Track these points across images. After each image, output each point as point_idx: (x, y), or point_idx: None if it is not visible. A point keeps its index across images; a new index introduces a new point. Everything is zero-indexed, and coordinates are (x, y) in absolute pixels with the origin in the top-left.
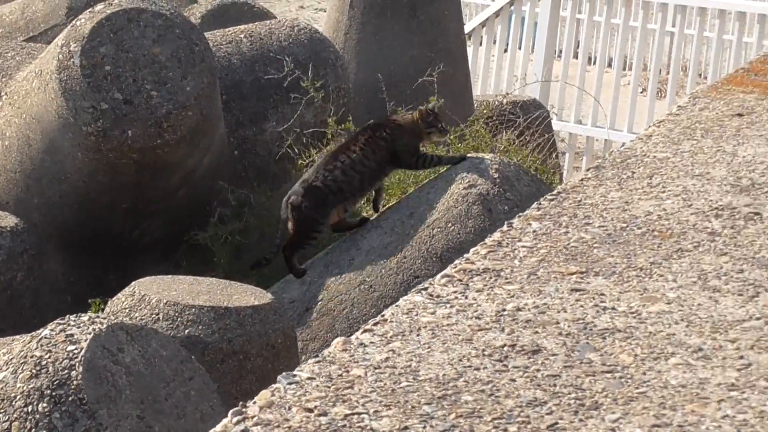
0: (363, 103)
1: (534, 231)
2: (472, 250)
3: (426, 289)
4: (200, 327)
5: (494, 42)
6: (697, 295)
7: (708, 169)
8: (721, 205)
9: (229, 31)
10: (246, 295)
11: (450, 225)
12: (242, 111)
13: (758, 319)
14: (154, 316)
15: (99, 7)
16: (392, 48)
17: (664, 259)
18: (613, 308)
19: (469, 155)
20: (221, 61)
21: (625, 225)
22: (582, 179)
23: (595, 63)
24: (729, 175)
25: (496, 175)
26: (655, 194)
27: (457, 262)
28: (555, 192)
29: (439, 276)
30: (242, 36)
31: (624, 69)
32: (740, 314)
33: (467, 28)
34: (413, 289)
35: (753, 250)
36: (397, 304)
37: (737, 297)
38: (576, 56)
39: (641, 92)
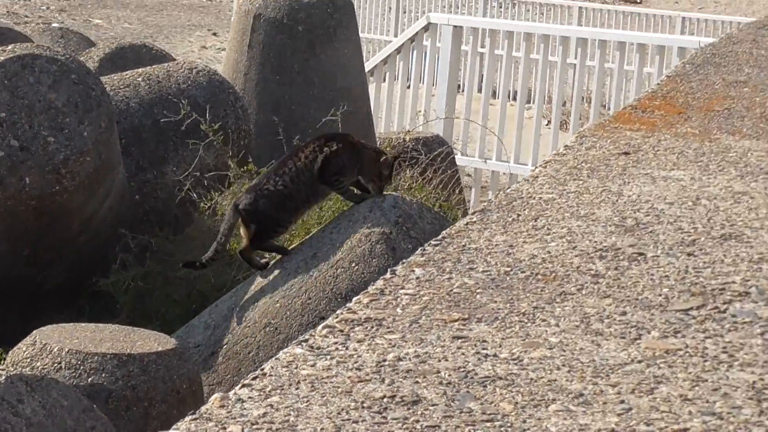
0: (265, 144)
1: (417, 278)
2: (354, 299)
3: (306, 341)
4: (103, 375)
5: (396, 78)
6: (579, 339)
7: (593, 209)
8: (605, 247)
9: (126, 74)
10: (149, 341)
11: (354, 265)
12: (142, 155)
13: (640, 362)
14: (56, 365)
15: None
16: (293, 88)
17: (547, 303)
18: (495, 355)
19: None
20: (119, 105)
21: (509, 269)
22: (467, 223)
23: (498, 96)
24: (614, 216)
25: (398, 214)
26: (540, 237)
27: (339, 312)
28: (440, 237)
29: (320, 327)
30: (140, 79)
31: (528, 102)
32: (622, 357)
33: (369, 65)
34: (294, 341)
35: (636, 291)
36: (277, 357)
37: (619, 340)
38: (479, 90)
39: (546, 124)
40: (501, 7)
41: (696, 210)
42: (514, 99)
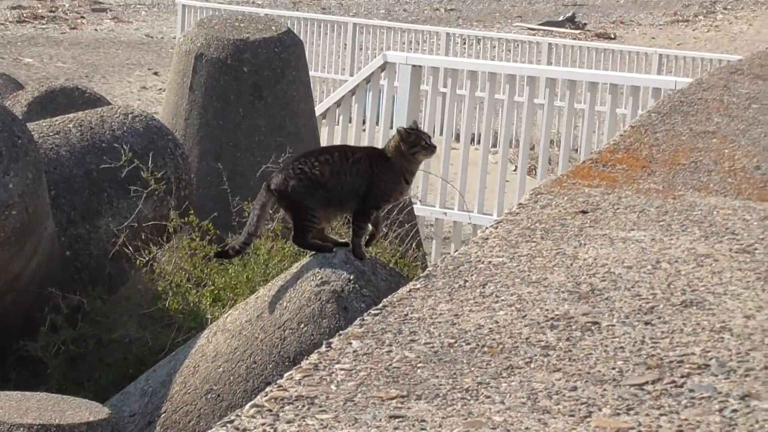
0: (207, 194)
1: (354, 351)
2: (286, 375)
3: (232, 422)
4: None
5: (350, 121)
6: (525, 417)
7: (546, 274)
8: (557, 315)
9: (56, 120)
10: (80, 411)
11: (303, 326)
12: (73, 207)
13: None
14: None
15: None
16: (237, 134)
17: (493, 378)
18: None
19: None
20: (48, 154)
21: (453, 341)
22: (410, 290)
23: (461, 140)
24: (568, 281)
25: (350, 270)
26: (488, 305)
27: (268, 389)
28: (380, 305)
29: (248, 406)
30: (71, 125)
31: (493, 146)
32: None
33: (321, 108)
34: (218, 422)
35: (588, 364)
36: None
37: (568, 418)
38: (440, 133)
39: (513, 170)
40: (465, 43)
41: (656, 274)
42: (478, 142)
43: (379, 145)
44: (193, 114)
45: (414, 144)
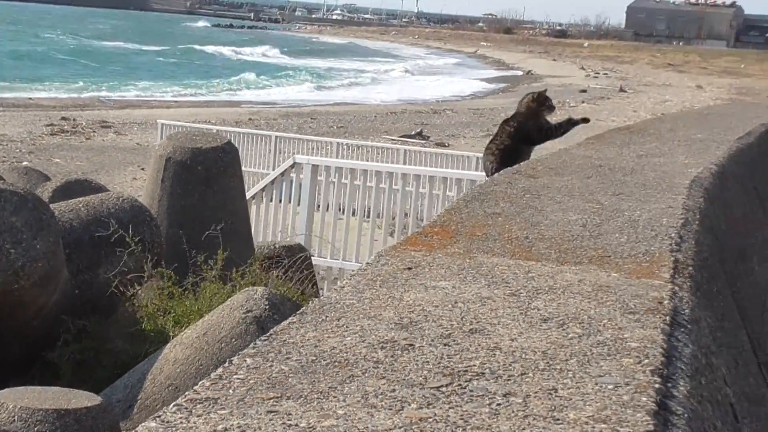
0: (173, 252)
1: (247, 366)
2: (200, 382)
3: (160, 416)
4: (47, 425)
5: (271, 201)
6: (359, 411)
7: (381, 311)
8: (386, 340)
9: (71, 202)
10: (82, 399)
11: (234, 340)
12: (81, 260)
13: (401, 427)
14: (11, 417)
15: None
16: (193, 211)
17: (339, 383)
18: (297, 424)
19: (245, 289)
20: (64, 225)
21: (315, 358)
22: (289, 323)
23: (344, 213)
24: (395, 316)
25: (267, 303)
26: (340, 333)
27: (187, 393)
28: (268, 334)
29: (171, 405)
30: (81, 206)
31: (366, 216)
32: (388, 424)
33: (251, 193)
34: (149, 417)
35: (404, 373)
36: (136, 429)
37: (388, 411)
38: (329, 209)
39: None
40: (349, 149)
41: (454, 311)
42: (356, 214)
43: (289, 219)
44: (164, 197)
45: (542, 104)
